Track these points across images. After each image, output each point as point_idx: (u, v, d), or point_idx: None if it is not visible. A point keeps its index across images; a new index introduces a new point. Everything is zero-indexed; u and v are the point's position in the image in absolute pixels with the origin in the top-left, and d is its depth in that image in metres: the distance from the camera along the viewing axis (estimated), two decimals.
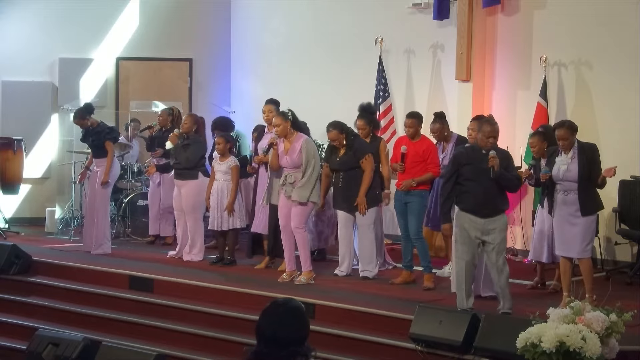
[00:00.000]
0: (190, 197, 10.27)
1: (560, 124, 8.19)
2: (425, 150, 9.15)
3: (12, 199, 12.61)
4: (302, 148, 9.08)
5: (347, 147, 9.31)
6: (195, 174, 10.28)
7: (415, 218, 9.10)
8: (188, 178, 10.26)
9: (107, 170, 10.58)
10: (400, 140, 9.43)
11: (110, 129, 10.82)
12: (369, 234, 9.35)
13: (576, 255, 8.12)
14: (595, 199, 8.16)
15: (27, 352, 8.29)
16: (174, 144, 10.27)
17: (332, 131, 9.31)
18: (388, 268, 9.97)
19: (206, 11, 13.59)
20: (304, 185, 9.09)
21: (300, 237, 9.19)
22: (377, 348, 7.82)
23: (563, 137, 8.04)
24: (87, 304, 9.44)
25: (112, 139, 10.71)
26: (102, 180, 10.55)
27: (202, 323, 8.72)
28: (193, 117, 10.53)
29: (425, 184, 9.13)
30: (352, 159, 9.30)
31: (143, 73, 13.38)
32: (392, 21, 11.96)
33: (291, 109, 9.30)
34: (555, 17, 10.76)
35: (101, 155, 10.64)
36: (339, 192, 9.44)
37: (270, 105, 10.00)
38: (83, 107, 10.79)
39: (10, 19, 12.96)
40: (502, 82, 11.13)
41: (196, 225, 10.38)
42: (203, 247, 10.48)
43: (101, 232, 10.69)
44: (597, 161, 8.12)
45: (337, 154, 9.41)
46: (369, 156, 9.28)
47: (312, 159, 9.11)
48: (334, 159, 9.43)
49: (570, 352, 6.30)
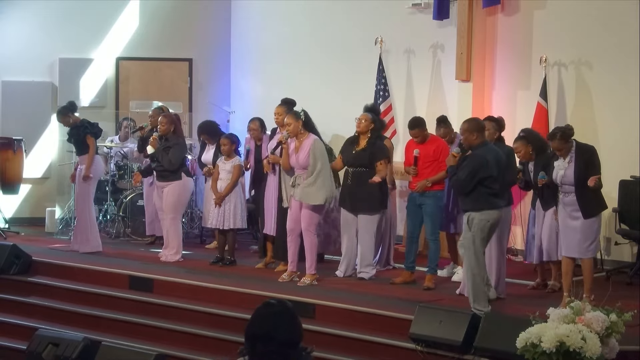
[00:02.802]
0: (171, 196, 10.22)
1: (552, 136, 8.18)
2: (435, 149, 9.16)
3: (12, 199, 12.61)
4: (311, 149, 9.02)
5: (369, 142, 9.31)
6: (179, 175, 10.25)
7: (431, 219, 9.09)
8: (171, 180, 10.22)
9: (89, 165, 10.48)
10: (411, 143, 9.43)
11: (91, 124, 10.67)
12: (369, 238, 9.35)
13: (577, 255, 8.13)
14: (596, 201, 8.15)
15: (27, 352, 8.30)
16: (155, 148, 10.24)
17: (366, 118, 9.34)
18: (388, 268, 9.97)
19: (206, 11, 13.58)
20: (308, 186, 9.03)
21: (308, 240, 9.15)
22: (377, 348, 7.82)
23: (558, 148, 8.10)
24: (87, 304, 9.44)
25: (92, 133, 10.61)
26: (84, 174, 10.45)
27: (202, 323, 8.72)
28: (169, 118, 10.37)
29: (439, 183, 9.12)
30: (367, 157, 9.29)
31: (143, 73, 13.38)
32: (392, 21, 11.96)
33: (305, 110, 9.26)
34: (555, 17, 10.76)
35: (84, 151, 10.56)
36: (346, 190, 9.43)
37: (283, 106, 9.81)
38: (66, 105, 10.76)
39: (10, 19, 12.95)
40: (502, 82, 11.13)
41: (173, 225, 10.30)
42: (181, 247, 10.37)
43: (83, 228, 10.63)
44: (595, 164, 8.11)
45: (355, 146, 9.40)
46: (385, 161, 9.29)
47: (319, 160, 9.03)
48: (349, 151, 9.41)
49: (570, 352, 6.31)
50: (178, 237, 10.35)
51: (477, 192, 7.86)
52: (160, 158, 10.18)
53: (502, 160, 8.08)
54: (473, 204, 7.89)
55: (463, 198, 8.05)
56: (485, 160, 7.84)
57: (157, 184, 10.41)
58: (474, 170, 7.83)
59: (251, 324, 3.94)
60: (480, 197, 7.85)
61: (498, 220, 7.99)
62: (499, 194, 7.97)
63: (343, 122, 10.98)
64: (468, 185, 7.86)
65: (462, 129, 8.06)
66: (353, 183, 9.37)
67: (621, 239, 10.00)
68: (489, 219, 7.86)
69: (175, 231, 10.32)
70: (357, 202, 9.33)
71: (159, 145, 10.21)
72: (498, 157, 8.00)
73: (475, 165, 7.85)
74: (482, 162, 7.84)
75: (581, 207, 8.01)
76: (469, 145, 7.97)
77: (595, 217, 8.11)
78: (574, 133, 8.15)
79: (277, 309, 3.94)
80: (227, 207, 10.09)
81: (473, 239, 7.85)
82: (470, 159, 7.92)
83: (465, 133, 7.97)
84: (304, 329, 3.99)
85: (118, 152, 12.15)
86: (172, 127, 10.27)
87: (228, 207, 10.08)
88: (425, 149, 9.18)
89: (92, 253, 10.60)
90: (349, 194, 9.39)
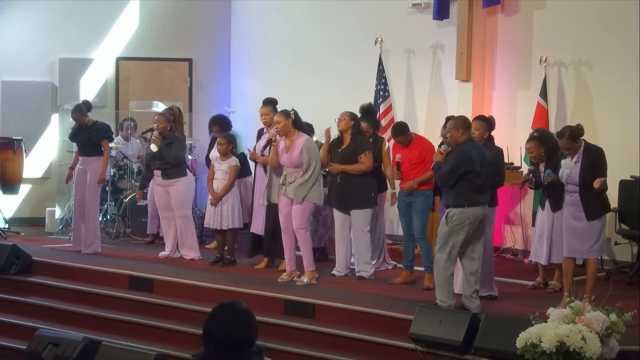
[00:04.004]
0: (180, 194, 10.29)
1: (560, 135, 8.18)
2: (420, 152, 9.20)
3: (12, 199, 12.60)
4: (304, 148, 9.07)
5: (352, 137, 9.36)
6: (184, 171, 10.36)
7: (419, 218, 9.11)
8: (177, 176, 10.29)
9: (104, 169, 10.60)
10: (395, 147, 9.45)
11: (109, 127, 10.82)
12: (363, 234, 9.37)
13: (578, 255, 8.12)
14: (600, 203, 8.13)
15: (27, 352, 8.29)
16: (158, 146, 10.27)
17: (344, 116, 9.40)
18: (387, 268, 9.98)
19: (206, 11, 13.58)
20: (301, 184, 9.07)
21: (302, 238, 9.19)
22: (377, 348, 7.82)
23: (565, 147, 8.11)
24: (87, 304, 9.44)
25: (109, 137, 10.74)
26: (100, 178, 10.56)
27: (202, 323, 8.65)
28: (165, 116, 10.49)
29: (427, 183, 9.13)
30: (352, 153, 9.32)
31: (143, 73, 13.38)
32: (392, 21, 11.96)
33: (294, 109, 9.30)
34: (555, 17, 10.76)
35: (94, 153, 10.59)
36: (335, 190, 9.46)
37: (268, 106, 9.92)
38: (83, 104, 10.76)
39: (10, 19, 12.95)
40: (502, 82, 11.14)
41: (186, 222, 10.39)
42: (197, 243, 10.53)
43: (93, 231, 10.67)
44: (602, 166, 8.09)
45: (341, 145, 9.44)
46: (368, 152, 9.34)
47: (313, 159, 9.11)
48: (336, 150, 9.47)
49: (570, 352, 6.30)
50: (193, 234, 10.49)
51: (460, 187, 7.94)
52: (165, 154, 10.21)
53: (486, 157, 8.14)
54: (454, 199, 7.97)
55: (446, 192, 8.13)
56: (469, 155, 7.93)
57: (160, 184, 10.40)
58: (457, 164, 7.92)
59: (209, 326, 3.96)
60: (462, 192, 7.93)
61: (479, 216, 7.98)
62: (481, 189, 8.02)
63: None
64: (451, 179, 7.95)
65: (449, 126, 8.20)
66: (343, 181, 9.39)
67: (621, 239, 10.00)
68: (468, 216, 7.90)
69: (191, 229, 10.45)
70: (348, 199, 9.36)
71: (161, 143, 10.24)
72: (482, 154, 8.10)
73: (459, 160, 7.93)
74: (466, 157, 7.93)
75: (585, 208, 8.00)
76: (454, 141, 8.06)
77: (598, 219, 8.09)
78: (583, 133, 8.13)
79: (233, 309, 3.95)
80: (224, 208, 10.09)
81: (447, 235, 7.92)
82: (454, 154, 8.03)
83: (452, 130, 8.08)
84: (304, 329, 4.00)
85: (119, 152, 12.15)
86: (169, 125, 10.37)
87: (225, 207, 10.09)
88: (409, 152, 9.21)
89: (92, 253, 10.61)
90: (339, 192, 9.41)
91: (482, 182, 7.98)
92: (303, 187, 9.08)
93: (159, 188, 10.45)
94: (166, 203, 10.40)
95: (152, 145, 10.31)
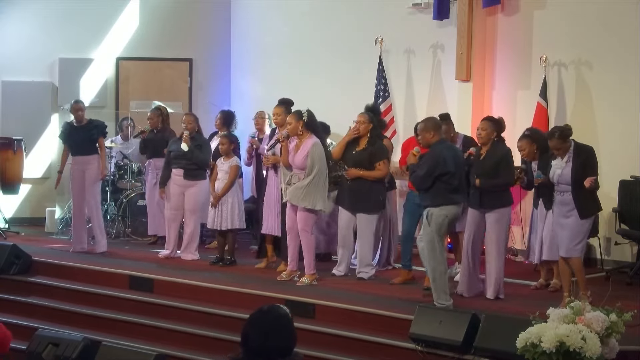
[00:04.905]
0: (197, 196, 10.33)
1: (550, 135, 8.20)
2: None
3: (12, 199, 12.61)
4: (309, 152, 8.96)
5: (369, 142, 9.33)
6: (205, 174, 10.39)
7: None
8: (199, 178, 10.34)
9: (104, 165, 10.67)
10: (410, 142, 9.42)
11: (104, 123, 10.86)
12: (368, 237, 9.35)
13: (563, 254, 8.12)
14: (592, 201, 8.16)
15: (27, 352, 8.29)
16: (189, 146, 10.27)
17: (361, 115, 9.40)
18: (388, 268, 9.97)
19: (206, 11, 13.59)
20: (299, 187, 8.97)
21: (305, 240, 9.14)
22: (377, 348, 7.82)
23: (555, 147, 8.12)
24: (87, 304, 9.44)
25: (105, 134, 10.82)
26: (102, 174, 10.65)
27: (202, 323, 8.72)
28: (193, 116, 10.60)
29: None
30: (367, 158, 9.29)
31: (143, 73, 13.38)
32: (392, 21, 11.96)
33: (309, 109, 9.20)
34: (555, 17, 10.76)
35: (92, 152, 10.61)
36: (346, 191, 9.42)
37: (281, 107, 9.76)
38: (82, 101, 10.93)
39: (10, 19, 12.96)
40: (502, 82, 11.14)
41: (196, 225, 10.44)
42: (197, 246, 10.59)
43: (99, 229, 10.72)
44: (592, 165, 8.11)
45: (355, 147, 9.40)
46: (384, 162, 9.31)
47: (316, 164, 8.95)
48: (350, 151, 9.41)
49: (570, 352, 6.30)
50: (198, 238, 10.59)
51: (436, 188, 8.06)
52: (195, 155, 10.24)
53: (460, 157, 8.28)
54: (432, 200, 8.10)
55: (423, 194, 8.23)
56: (442, 158, 8.03)
57: (179, 183, 10.35)
58: (431, 167, 8.04)
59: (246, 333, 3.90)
60: (439, 193, 8.06)
61: (457, 215, 8.19)
62: (458, 189, 8.13)
63: (343, 122, 10.97)
64: (426, 182, 8.08)
65: (419, 129, 8.33)
66: (353, 183, 9.36)
67: (621, 239, 10.00)
68: (447, 214, 8.05)
69: (198, 233, 10.57)
70: (357, 201, 9.33)
71: (191, 143, 10.25)
72: (456, 154, 8.21)
73: (433, 163, 8.05)
74: (439, 159, 8.04)
75: (577, 207, 8.02)
76: (426, 143, 8.18)
77: (590, 217, 8.13)
78: (572, 133, 8.15)
79: (271, 315, 3.91)
80: (224, 208, 10.08)
81: (432, 233, 8.03)
82: (427, 157, 8.14)
83: (422, 132, 8.20)
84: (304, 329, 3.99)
85: (118, 152, 12.14)
86: (197, 126, 10.44)
87: (225, 207, 10.08)
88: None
89: (92, 253, 10.61)
90: (349, 194, 9.39)
91: (458, 182, 8.13)
92: (298, 192, 8.99)
93: (175, 187, 10.40)
94: (179, 204, 10.39)
95: (182, 145, 10.27)
